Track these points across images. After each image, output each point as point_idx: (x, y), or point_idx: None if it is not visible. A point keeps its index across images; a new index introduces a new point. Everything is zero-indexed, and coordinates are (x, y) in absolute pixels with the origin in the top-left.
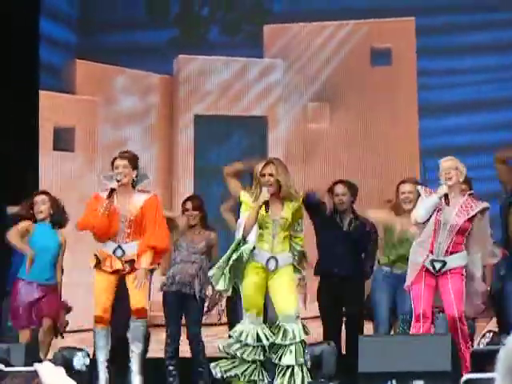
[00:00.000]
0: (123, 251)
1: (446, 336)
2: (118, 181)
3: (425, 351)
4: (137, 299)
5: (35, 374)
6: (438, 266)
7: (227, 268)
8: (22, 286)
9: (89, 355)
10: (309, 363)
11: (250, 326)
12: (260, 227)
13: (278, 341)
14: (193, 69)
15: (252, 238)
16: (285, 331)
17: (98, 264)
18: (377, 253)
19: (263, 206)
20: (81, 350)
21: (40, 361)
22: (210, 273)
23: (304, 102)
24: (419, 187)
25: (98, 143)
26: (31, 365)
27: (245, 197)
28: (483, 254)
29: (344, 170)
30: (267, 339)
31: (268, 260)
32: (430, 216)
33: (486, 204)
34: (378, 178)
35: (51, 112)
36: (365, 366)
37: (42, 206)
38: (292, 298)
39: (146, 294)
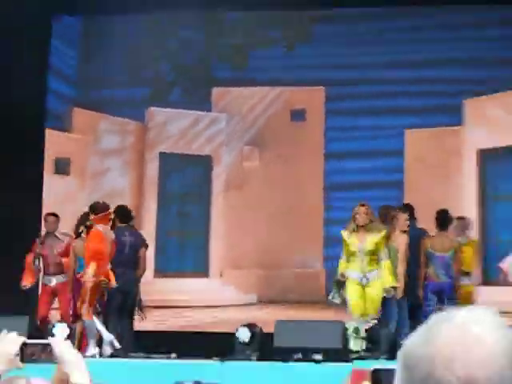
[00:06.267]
0: None
1: (340, 323)
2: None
3: (324, 333)
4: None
5: (49, 345)
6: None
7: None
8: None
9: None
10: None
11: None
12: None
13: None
14: (159, 118)
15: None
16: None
17: None
18: None
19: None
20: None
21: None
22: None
23: (240, 145)
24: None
25: (88, 170)
26: (37, 337)
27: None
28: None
29: (267, 200)
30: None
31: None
32: None
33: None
34: (291, 207)
35: (53, 145)
36: (279, 342)
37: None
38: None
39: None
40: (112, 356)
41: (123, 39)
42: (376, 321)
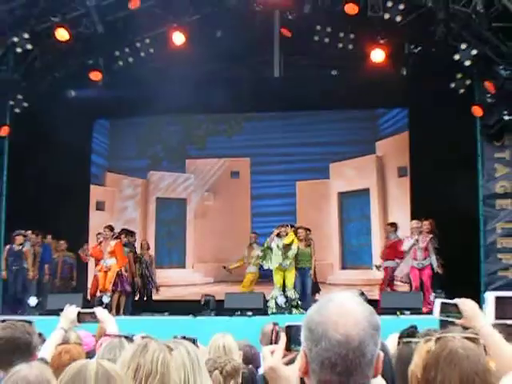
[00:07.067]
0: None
1: (261, 293)
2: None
3: (252, 299)
4: None
5: (94, 312)
6: None
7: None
8: None
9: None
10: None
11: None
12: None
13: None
14: (155, 177)
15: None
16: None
17: None
18: None
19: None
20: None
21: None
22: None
23: (202, 192)
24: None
25: (114, 208)
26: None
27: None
28: None
29: (218, 223)
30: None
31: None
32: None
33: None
34: (232, 227)
35: (95, 194)
36: (227, 305)
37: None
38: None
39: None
40: (130, 314)
41: (134, 131)
42: (292, 291)
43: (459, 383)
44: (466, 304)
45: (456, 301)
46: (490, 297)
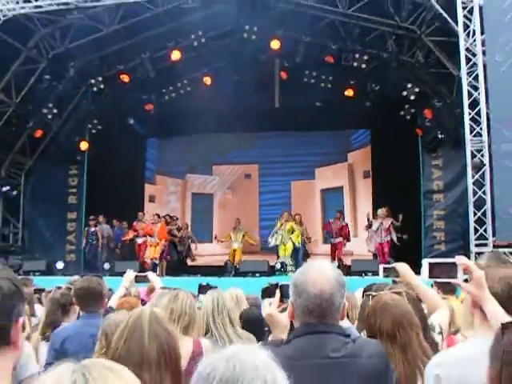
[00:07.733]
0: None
1: (266, 261)
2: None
3: (259, 264)
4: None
5: (146, 275)
6: None
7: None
8: None
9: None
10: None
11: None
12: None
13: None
14: (191, 179)
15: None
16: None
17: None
18: None
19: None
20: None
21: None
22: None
23: (224, 189)
24: None
25: (162, 200)
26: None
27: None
28: None
29: (236, 212)
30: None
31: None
32: None
33: None
34: (245, 214)
35: (148, 190)
36: (242, 269)
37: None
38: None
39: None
40: (171, 275)
41: (176, 146)
42: (289, 259)
43: (391, 324)
44: (400, 266)
45: (394, 264)
46: (424, 262)
